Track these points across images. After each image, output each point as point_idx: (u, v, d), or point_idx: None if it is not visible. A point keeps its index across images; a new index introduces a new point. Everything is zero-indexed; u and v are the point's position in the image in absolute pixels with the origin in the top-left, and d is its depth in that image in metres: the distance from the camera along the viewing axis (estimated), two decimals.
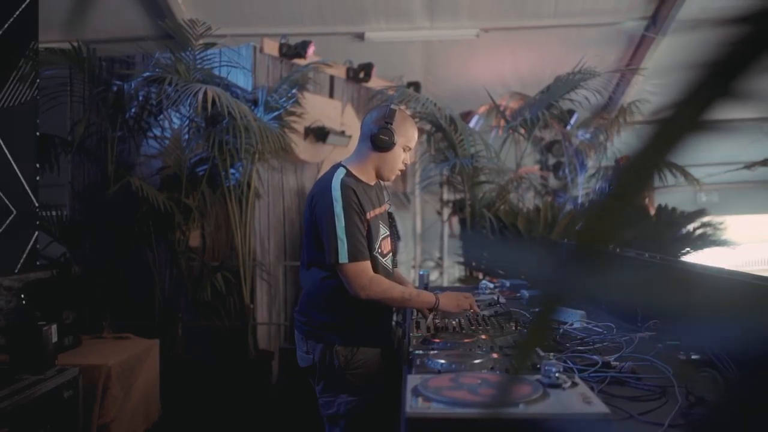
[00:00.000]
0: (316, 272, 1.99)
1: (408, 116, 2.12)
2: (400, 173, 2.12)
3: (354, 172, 2.02)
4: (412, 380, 1.30)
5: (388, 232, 2.09)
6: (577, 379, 1.33)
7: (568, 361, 1.55)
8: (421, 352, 1.61)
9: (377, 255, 2.02)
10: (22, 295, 2.95)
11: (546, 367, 1.31)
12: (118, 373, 2.90)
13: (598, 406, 1.14)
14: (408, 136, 2.04)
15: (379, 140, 1.98)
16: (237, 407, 3.75)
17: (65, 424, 2.54)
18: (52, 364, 2.52)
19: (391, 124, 1.99)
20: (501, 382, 0.87)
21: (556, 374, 1.29)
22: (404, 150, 2.05)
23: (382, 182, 2.18)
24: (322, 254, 1.94)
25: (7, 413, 2.15)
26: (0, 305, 3.03)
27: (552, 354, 1.62)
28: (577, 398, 1.20)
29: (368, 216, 1.97)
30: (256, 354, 4.08)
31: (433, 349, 1.64)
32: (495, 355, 1.55)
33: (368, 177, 2.06)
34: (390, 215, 2.17)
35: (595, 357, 1.57)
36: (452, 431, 1.11)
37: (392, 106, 2.05)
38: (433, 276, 5.05)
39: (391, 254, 2.12)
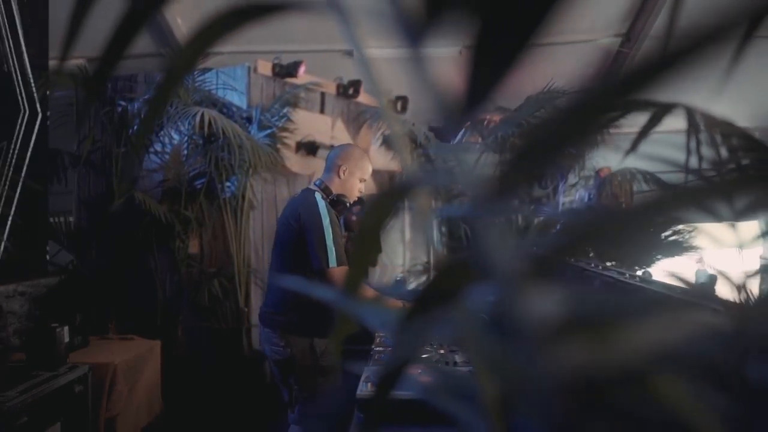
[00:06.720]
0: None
1: (364, 153, 2.49)
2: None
3: (325, 197, 2.35)
4: (367, 371, 1.59)
5: None
6: None
7: None
8: (380, 348, 1.90)
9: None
10: (38, 311, 3.22)
11: None
12: (124, 370, 3.09)
13: None
14: (363, 170, 2.40)
15: (341, 171, 2.34)
16: (233, 402, 3.96)
17: (76, 416, 2.72)
18: (65, 361, 2.72)
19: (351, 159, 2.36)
20: None
21: None
22: (360, 180, 2.40)
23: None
24: (306, 261, 2.23)
25: (25, 405, 2.36)
26: (14, 309, 3.31)
27: None
28: None
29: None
30: (250, 354, 4.33)
31: (390, 346, 1.94)
32: (442, 351, 1.84)
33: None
34: None
35: None
36: (392, 410, 1.40)
37: (352, 145, 2.47)
38: (421, 280, 5.32)
39: None
